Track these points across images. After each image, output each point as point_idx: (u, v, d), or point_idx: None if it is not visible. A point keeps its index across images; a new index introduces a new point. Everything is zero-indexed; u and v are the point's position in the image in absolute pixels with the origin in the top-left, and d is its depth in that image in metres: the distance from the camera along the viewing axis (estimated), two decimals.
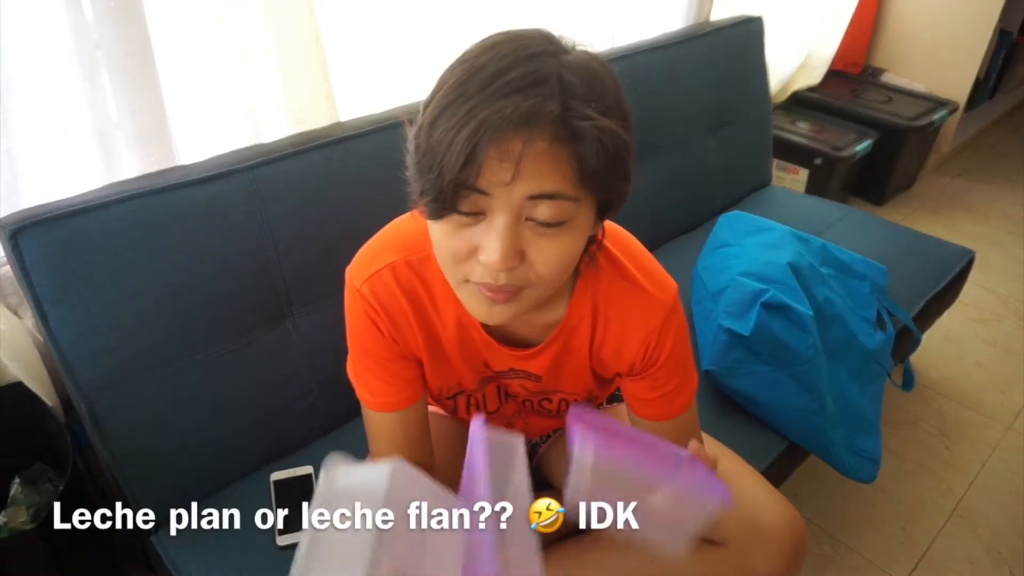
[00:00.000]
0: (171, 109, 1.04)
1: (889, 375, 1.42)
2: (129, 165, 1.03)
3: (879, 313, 1.43)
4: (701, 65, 1.67)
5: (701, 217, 1.75)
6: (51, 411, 1.03)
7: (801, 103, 2.52)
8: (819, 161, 2.28)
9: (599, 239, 0.71)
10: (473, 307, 0.65)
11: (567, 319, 0.76)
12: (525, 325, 0.77)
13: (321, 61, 1.13)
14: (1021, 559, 1.42)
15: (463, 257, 0.61)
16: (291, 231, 1.02)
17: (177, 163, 1.06)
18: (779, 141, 2.21)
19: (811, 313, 1.20)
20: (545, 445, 1.02)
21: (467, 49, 0.59)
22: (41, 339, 1.00)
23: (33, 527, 0.97)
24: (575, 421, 0.61)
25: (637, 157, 0.62)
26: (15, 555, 0.96)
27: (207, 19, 1.03)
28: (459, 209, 0.58)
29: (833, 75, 2.60)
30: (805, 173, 2.33)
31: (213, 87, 1.09)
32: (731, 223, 1.50)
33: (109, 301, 0.89)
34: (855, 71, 2.73)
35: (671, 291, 0.77)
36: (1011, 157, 3.14)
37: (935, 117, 2.45)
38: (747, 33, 1.81)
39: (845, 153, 2.26)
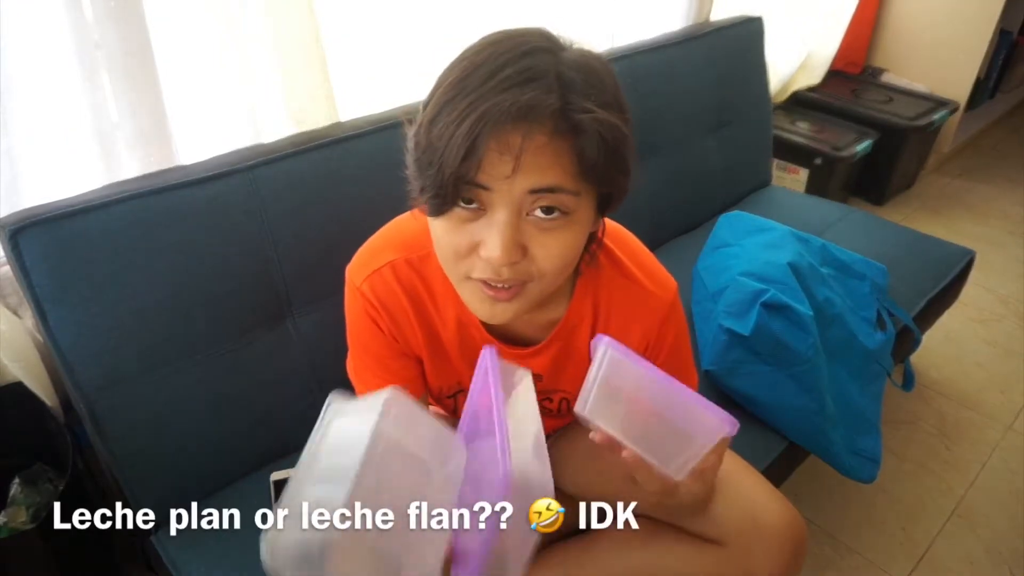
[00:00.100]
0: (171, 109, 1.04)
1: (889, 375, 1.42)
2: (129, 165, 1.02)
3: (879, 313, 1.43)
4: (701, 65, 1.67)
5: (701, 217, 1.74)
6: (51, 411, 1.03)
7: (801, 103, 2.51)
8: (819, 161, 2.28)
9: (599, 237, 0.70)
10: (475, 306, 0.65)
11: (568, 317, 0.76)
12: (526, 324, 0.77)
13: (321, 61, 1.13)
14: (1021, 559, 1.42)
15: (464, 253, 0.61)
16: (291, 231, 1.02)
17: (177, 163, 1.05)
18: (779, 141, 2.21)
19: (811, 313, 1.20)
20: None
21: (466, 48, 0.59)
22: (41, 339, 1.00)
23: (33, 527, 0.97)
24: (600, 335, 0.60)
25: (637, 155, 0.62)
26: (15, 555, 0.96)
27: (207, 19, 1.03)
28: (460, 204, 0.58)
29: (833, 75, 2.60)
30: (805, 173, 2.33)
31: (213, 87, 1.09)
32: (731, 223, 1.50)
33: (109, 301, 0.89)
34: (855, 71, 2.73)
35: (671, 289, 0.77)
36: (1011, 157, 3.14)
37: (935, 117, 2.45)
38: (747, 33, 1.81)
39: (845, 153, 2.25)
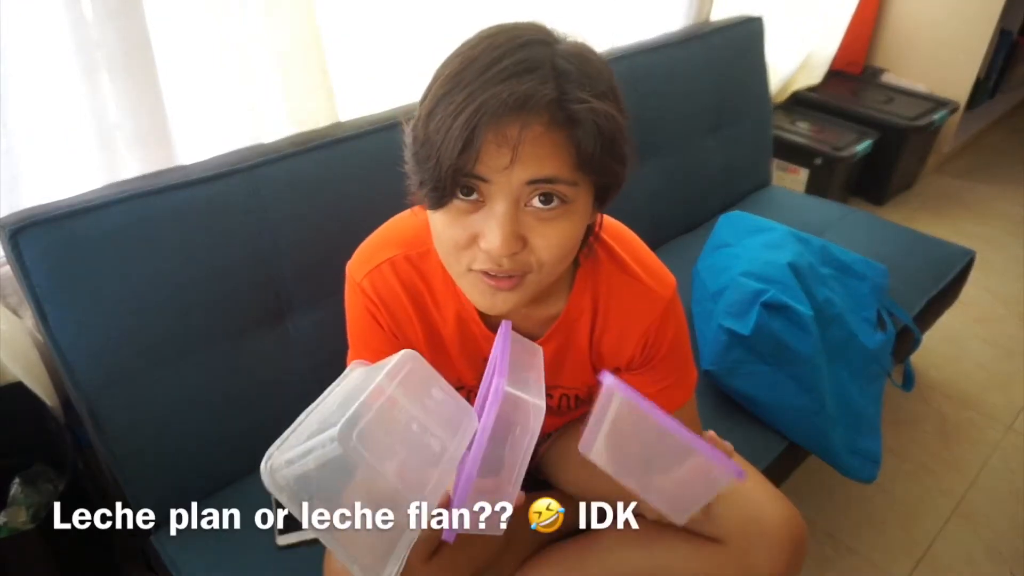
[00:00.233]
0: (171, 109, 1.04)
1: (889, 375, 1.42)
2: (129, 165, 1.02)
3: (879, 313, 1.43)
4: (701, 65, 1.67)
5: (701, 217, 1.74)
6: (51, 411, 1.03)
7: (801, 103, 2.51)
8: (819, 161, 2.28)
9: (596, 230, 0.71)
10: (476, 297, 0.66)
11: (567, 313, 0.77)
12: (525, 319, 0.77)
13: (321, 61, 1.13)
14: (1021, 559, 1.42)
15: (464, 245, 0.61)
16: (291, 231, 1.02)
17: (177, 163, 1.05)
18: (779, 141, 2.21)
19: (811, 313, 1.20)
20: (545, 445, 1.02)
21: (461, 43, 0.59)
22: (41, 339, 1.00)
23: (33, 527, 0.97)
24: (605, 373, 0.61)
25: (636, 151, 0.62)
26: (15, 555, 0.97)
27: (207, 19, 1.03)
28: (459, 196, 0.58)
29: (833, 75, 2.59)
30: (805, 173, 2.33)
31: (213, 87, 1.09)
32: (731, 223, 1.50)
33: (109, 301, 0.89)
34: (855, 71, 2.73)
35: (670, 285, 0.77)
36: (1011, 157, 3.14)
37: (935, 117, 2.45)
38: (747, 33, 1.81)
39: (845, 153, 2.25)
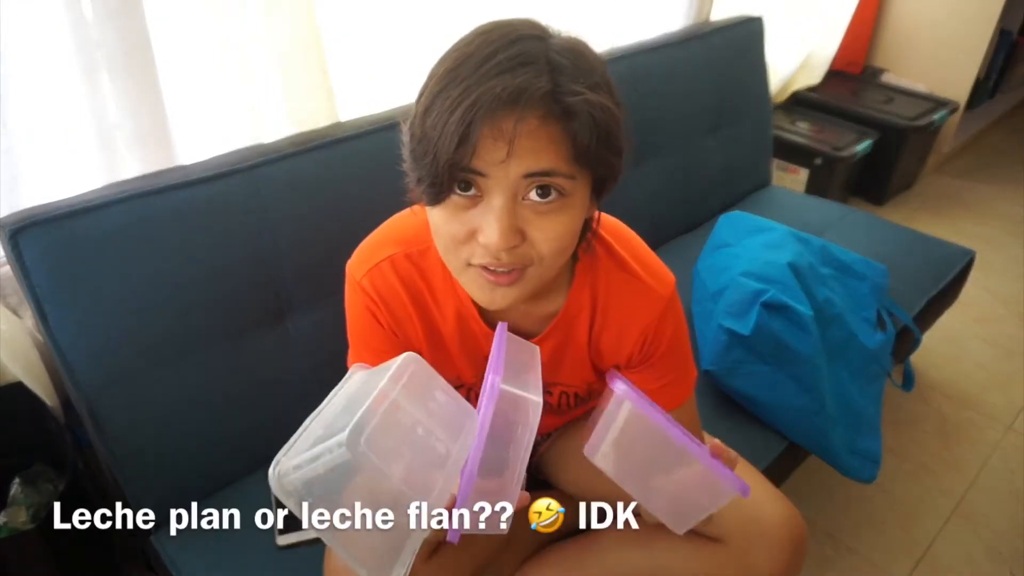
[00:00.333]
0: (171, 109, 1.04)
1: (889, 375, 1.42)
2: (129, 165, 1.02)
3: (879, 313, 1.43)
4: (701, 65, 1.67)
5: (701, 217, 1.74)
6: (51, 411, 1.03)
7: (801, 103, 2.51)
8: (819, 161, 2.28)
9: (594, 226, 0.71)
10: (476, 293, 0.66)
11: (566, 310, 0.77)
12: (524, 317, 0.78)
13: (321, 61, 1.13)
14: (1021, 559, 1.42)
15: (463, 240, 0.62)
16: (291, 231, 1.02)
17: (177, 163, 1.05)
18: (779, 141, 2.21)
19: (811, 313, 1.20)
20: (545, 445, 1.02)
21: (457, 39, 0.60)
22: (41, 339, 1.00)
23: (33, 527, 0.97)
24: (614, 377, 0.61)
25: (635, 147, 0.62)
26: (15, 555, 0.97)
27: (207, 19, 1.03)
28: (456, 191, 0.59)
29: (833, 75, 2.59)
30: (805, 173, 2.33)
31: (213, 87, 1.09)
32: (731, 223, 1.50)
33: (109, 301, 0.89)
34: (855, 71, 2.73)
35: (669, 283, 0.77)
36: (1011, 157, 3.14)
37: (935, 117, 2.45)
38: (747, 33, 1.81)
39: (845, 153, 2.25)
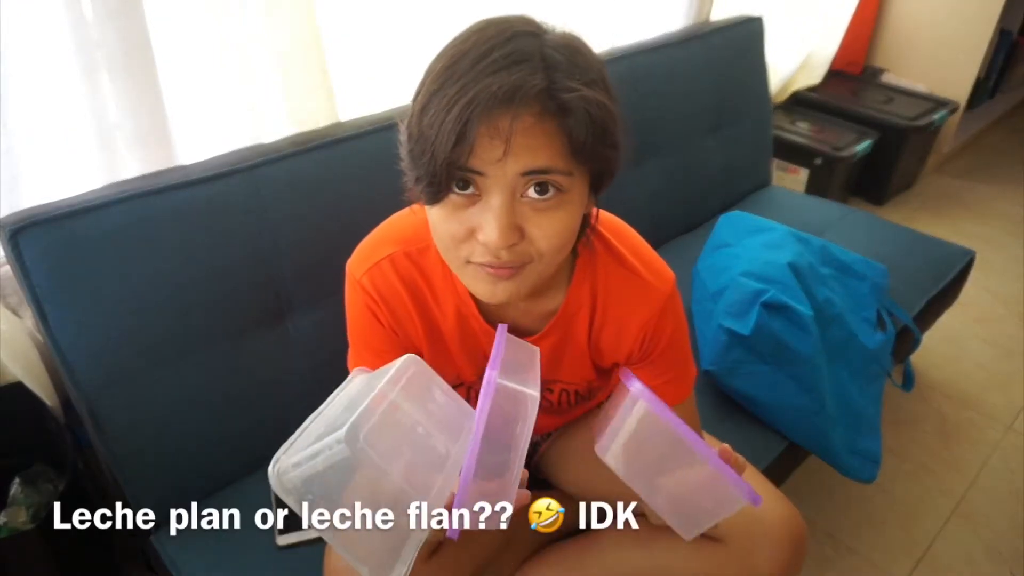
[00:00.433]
0: (171, 109, 1.04)
1: (889, 375, 1.42)
2: (129, 165, 1.02)
3: (879, 313, 1.43)
4: (701, 65, 1.67)
5: (701, 217, 1.74)
6: (51, 411, 1.03)
7: (801, 103, 2.51)
8: (819, 161, 2.28)
9: (592, 222, 0.71)
10: (476, 288, 0.66)
11: (565, 307, 0.77)
12: (524, 314, 0.78)
13: (321, 61, 1.13)
14: (1021, 559, 1.42)
15: (463, 239, 0.62)
16: (291, 231, 1.02)
17: (177, 163, 1.05)
18: (779, 141, 2.21)
19: (811, 313, 1.20)
20: (545, 445, 1.02)
21: (452, 37, 0.60)
22: (41, 339, 1.00)
23: (33, 527, 0.97)
24: (629, 376, 0.61)
25: (635, 146, 0.62)
26: (15, 555, 0.97)
27: (207, 19, 1.03)
28: (454, 189, 0.59)
29: (833, 75, 2.59)
30: (805, 173, 2.33)
31: (213, 87, 1.09)
32: (731, 223, 1.50)
33: (109, 301, 0.89)
34: (855, 71, 2.73)
35: (669, 280, 0.77)
36: (1011, 157, 3.14)
37: (935, 117, 2.45)
38: (747, 33, 1.81)
39: (845, 153, 2.25)
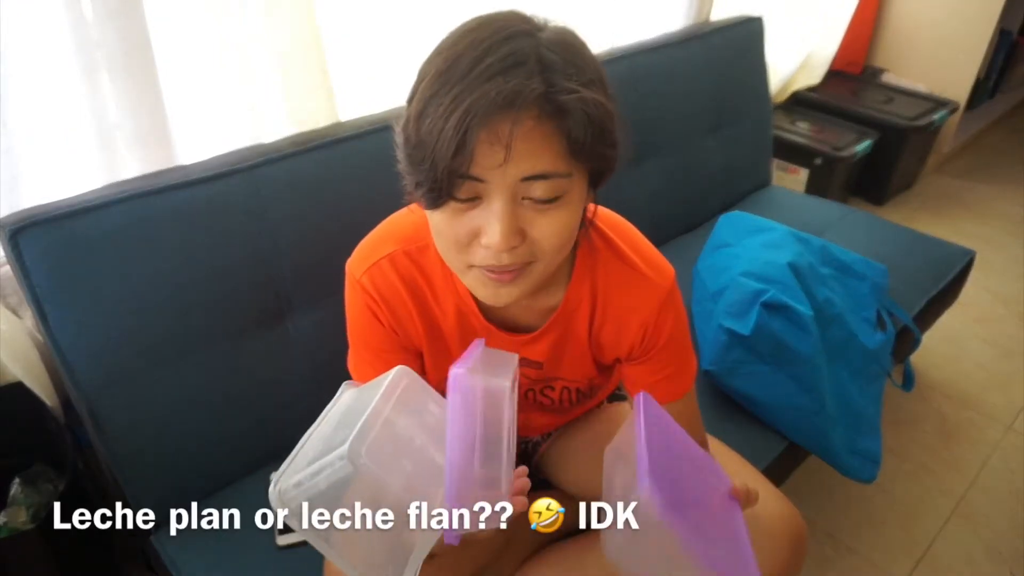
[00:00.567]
0: (171, 109, 1.04)
1: (889, 375, 1.42)
2: (129, 165, 1.02)
3: (879, 313, 1.43)
4: (701, 65, 1.67)
5: (701, 217, 1.74)
6: (51, 411, 1.03)
7: (801, 103, 2.51)
8: (819, 161, 2.28)
9: (589, 216, 0.71)
10: (480, 291, 0.66)
11: (566, 303, 0.77)
12: (525, 311, 0.78)
13: (321, 61, 1.13)
14: (1021, 559, 1.42)
15: (465, 242, 0.62)
16: (291, 231, 1.02)
17: (177, 163, 1.05)
18: (779, 141, 2.21)
19: (811, 313, 1.20)
20: (545, 444, 1.02)
21: (443, 39, 0.59)
22: (41, 339, 1.00)
23: (33, 527, 0.97)
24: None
25: (635, 146, 0.62)
26: (15, 555, 0.97)
27: (207, 19, 1.03)
28: (455, 196, 0.58)
29: (833, 75, 2.59)
30: (805, 173, 2.33)
31: (213, 87, 1.09)
32: (731, 223, 1.50)
33: (109, 301, 0.89)
34: (855, 71, 2.73)
35: (669, 275, 0.77)
36: (1011, 157, 3.14)
37: (935, 117, 2.45)
38: (747, 33, 1.81)
39: (845, 153, 2.25)
